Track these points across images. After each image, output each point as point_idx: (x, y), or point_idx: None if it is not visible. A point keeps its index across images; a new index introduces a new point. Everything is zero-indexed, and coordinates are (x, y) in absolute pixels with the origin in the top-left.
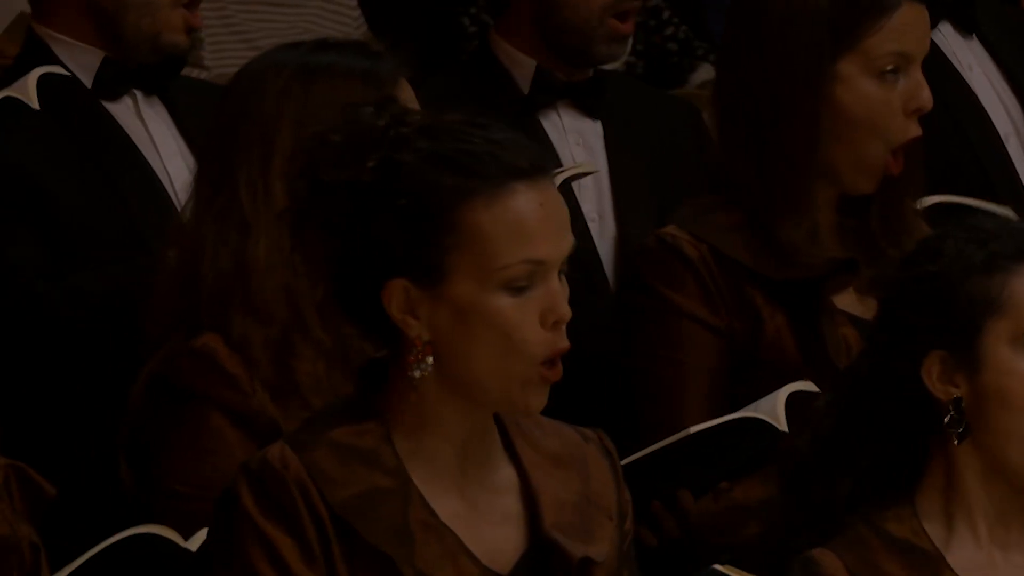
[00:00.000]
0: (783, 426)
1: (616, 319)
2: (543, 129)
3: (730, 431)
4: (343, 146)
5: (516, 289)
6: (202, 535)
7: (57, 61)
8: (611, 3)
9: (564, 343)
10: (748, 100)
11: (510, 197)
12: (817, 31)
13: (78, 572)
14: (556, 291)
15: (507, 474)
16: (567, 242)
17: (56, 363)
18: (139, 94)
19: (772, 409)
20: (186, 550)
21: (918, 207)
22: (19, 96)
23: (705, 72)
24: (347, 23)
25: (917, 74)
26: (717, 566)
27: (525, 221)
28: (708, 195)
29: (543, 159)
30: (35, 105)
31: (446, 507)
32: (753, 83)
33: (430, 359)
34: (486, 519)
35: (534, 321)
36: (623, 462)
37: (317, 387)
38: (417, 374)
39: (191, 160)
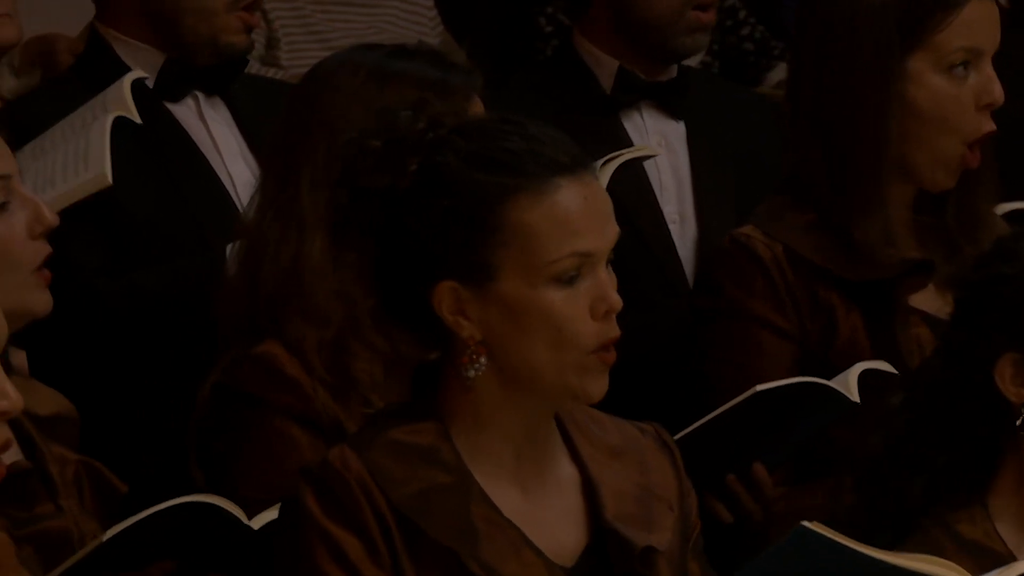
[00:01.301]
0: (855, 397)
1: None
2: (624, 129)
3: (799, 396)
4: (382, 151)
5: (565, 282)
6: (266, 516)
7: (119, 61)
8: None
9: (615, 332)
10: (819, 99)
11: (554, 192)
12: (885, 28)
13: (136, 527)
14: (604, 281)
15: (567, 470)
16: (612, 232)
17: (121, 360)
18: (201, 95)
19: (845, 381)
20: (248, 527)
21: (995, 208)
22: (124, 114)
23: (781, 72)
24: (423, 24)
25: (988, 69)
26: (805, 523)
27: (570, 215)
28: (783, 194)
29: (582, 153)
30: (137, 119)
31: (507, 502)
32: (823, 81)
33: (484, 359)
34: (547, 514)
35: (584, 312)
36: (690, 428)
37: (375, 385)
38: (472, 374)
39: (253, 161)
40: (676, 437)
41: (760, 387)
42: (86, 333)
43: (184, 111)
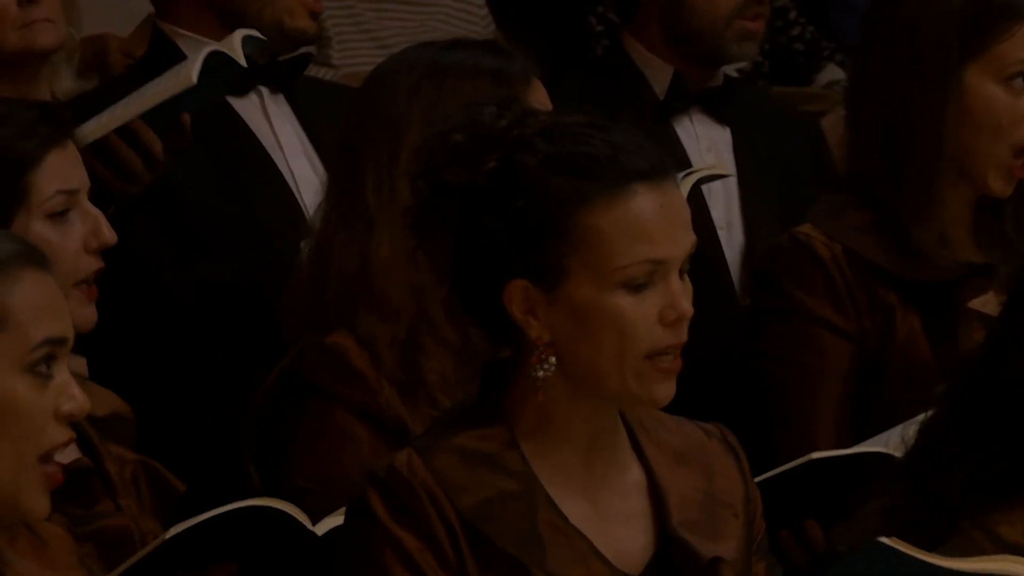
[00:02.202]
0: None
1: (742, 328)
2: (676, 135)
3: (856, 463)
4: (464, 146)
5: (634, 288)
6: (329, 522)
7: (183, 57)
8: (737, 7)
9: (682, 338)
10: (877, 101)
11: (629, 199)
12: (946, 36)
13: (199, 527)
14: (676, 290)
15: (634, 474)
16: (688, 241)
17: (180, 357)
18: (265, 91)
19: (901, 442)
20: (312, 532)
21: None
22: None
23: (831, 72)
24: (475, 22)
25: None
26: (882, 538)
27: (644, 222)
28: (841, 193)
29: (664, 160)
30: (244, 63)
31: (574, 509)
32: (882, 85)
33: (553, 359)
34: (614, 520)
35: (652, 318)
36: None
37: (444, 385)
38: (540, 374)
39: (315, 159)
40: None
41: (816, 455)
42: (149, 325)
43: (248, 107)
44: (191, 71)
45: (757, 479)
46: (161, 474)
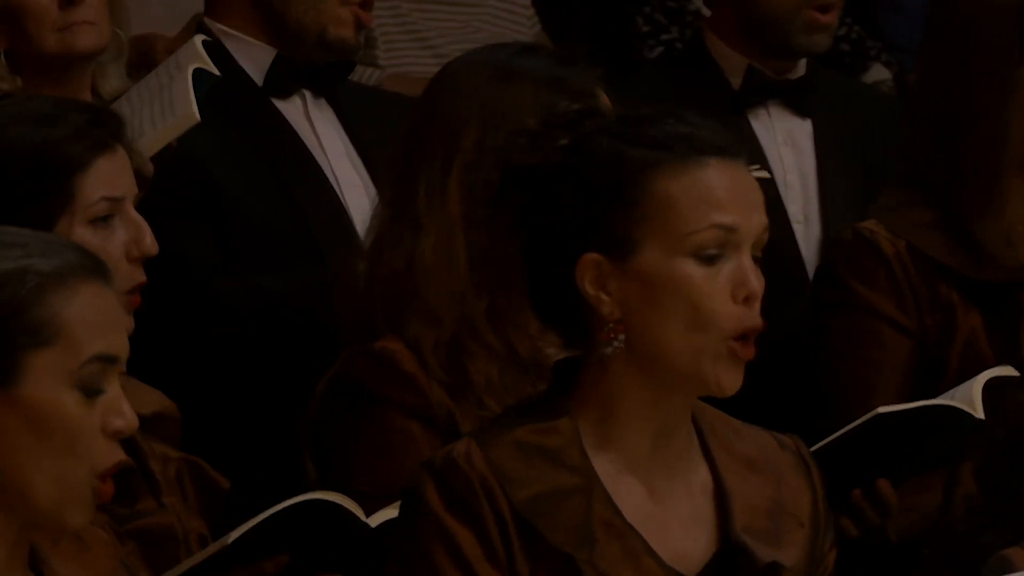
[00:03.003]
0: (980, 414)
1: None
2: (752, 127)
3: (923, 417)
4: (537, 129)
5: (706, 258)
6: (384, 514)
7: (229, 57)
8: None
9: (755, 320)
10: (939, 99)
11: (699, 168)
12: (1005, 34)
13: (258, 528)
14: (748, 266)
15: (701, 475)
16: (760, 221)
17: (227, 357)
18: (308, 94)
19: (968, 396)
20: (366, 524)
21: None
22: (205, 67)
23: (877, 72)
24: (521, 23)
25: None
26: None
27: (713, 188)
28: (905, 190)
29: (737, 143)
30: (215, 70)
31: (633, 507)
32: (943, 83)
33: (622, 336)
34: (674, 519)
35: (725, 294)
36: (814, 448)
37: (490, 388)
38: (609, 351)
39: (358, 162)
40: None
41: (882, 409)
42: (200, 329)
43: (291, 109)
44: (191, 108)
45: (824, 442)
46: (205, 472)
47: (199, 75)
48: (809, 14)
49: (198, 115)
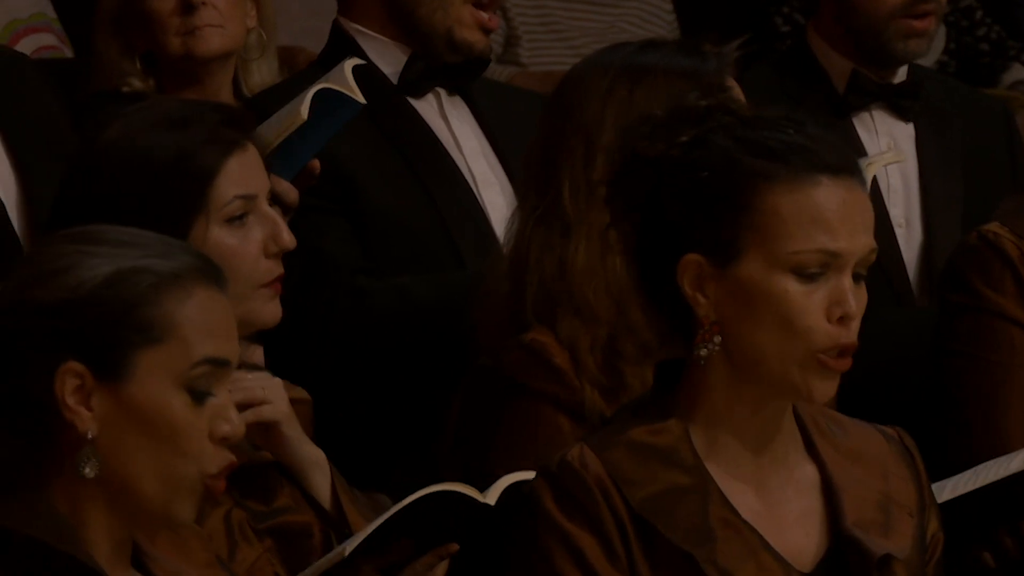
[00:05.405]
0: None
1: (916, 329)
2: (856, 131)
3: None
4: (663, 120)
5: (805, 276)
6: (497, 488)
7: (363, 55)
8: (902, 5)
9: (849, 338)
10: None
11: (813, 187)
12: None
13: (383, 528)
14: (846, 287)
15: (808, 472)
16: (865, 243)
17: (373, 357)
18: (442, 93)
19: None
20: (485, 504)
21: None
22: (342, 90)
23: (1017, 72)
24: (661, 24)
25: None
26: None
27: (824, 212)
28: None
29: (854, 161)
30: (360, 99)
31: (745, 504)
32: None
33: (717, 339)
34: (785, 516)
35: (819, 311)
36: (965, 491)
37: (645, 389)
38: (703, 352)
39: (494, 159)
40: (946, 499)
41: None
42: (341, 326)
43: (426, 107)
44: (301, 107)
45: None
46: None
47: (344, 102)
48: (904, 21)
49: (305, 114)
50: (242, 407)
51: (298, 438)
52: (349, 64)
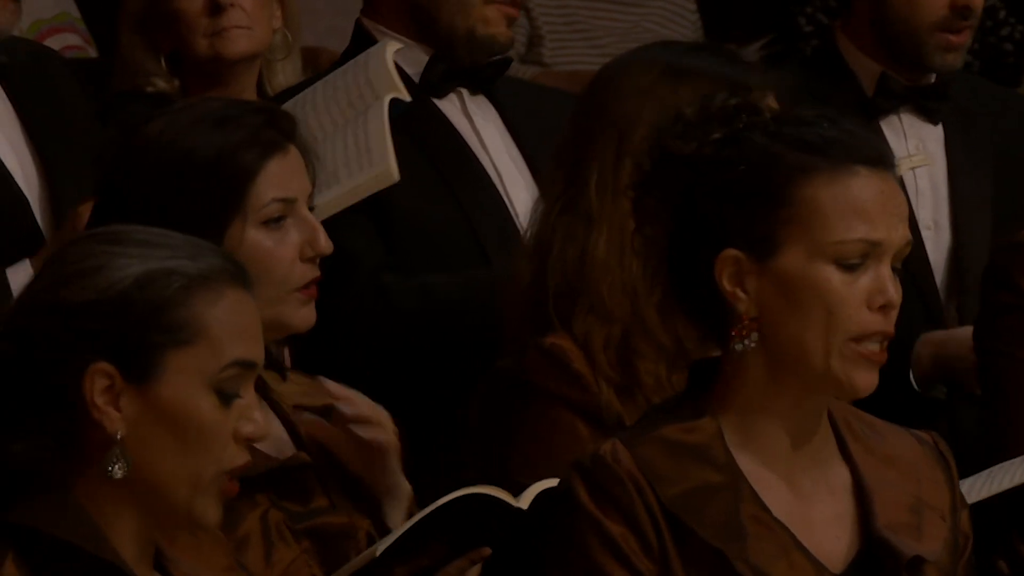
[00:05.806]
0: None
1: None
2: (883, 133)
3: None
4: (693, 119)
5: (846, 266)
6: (531, 492)
7: None
8: (942, 20)
9: (889, 327)
10: None
11: (851, 178)
12: None
13: (414, 530)
14: (887, 276)
15: (840, 474)
16: (902, 234)
17: (399, 355)
18: (465, 92)
19: None
20: (518, 508)
21: None
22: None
23: None
24: (685, 25)
25: None
26: None
27: (864, 202)
28: None
29: (890, 153)
30: (407, 97)
31: (777, 502)
32: None
33: (755, 335)
34: (817, 517)
35: (860, 301)
36: (986, 497)
37: (659, 388)
38: (739, 347)
39: (519, 157)
40: (971, 502)
41: None
42: (368, 325)
43: (449, 107)
44: (390, 167)
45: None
46: None
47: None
48: (943, 36)
49: (397, 174)
50: (356, 420)
51: (397, 469)
52: (390, 52)
